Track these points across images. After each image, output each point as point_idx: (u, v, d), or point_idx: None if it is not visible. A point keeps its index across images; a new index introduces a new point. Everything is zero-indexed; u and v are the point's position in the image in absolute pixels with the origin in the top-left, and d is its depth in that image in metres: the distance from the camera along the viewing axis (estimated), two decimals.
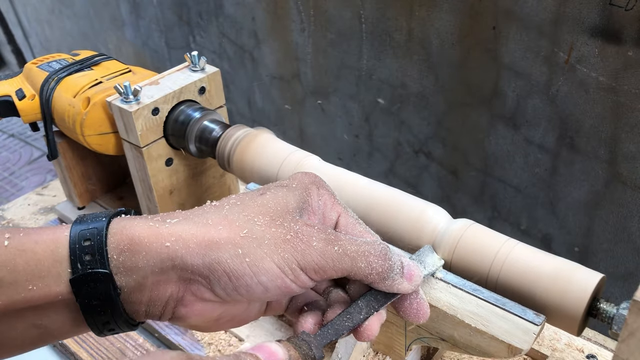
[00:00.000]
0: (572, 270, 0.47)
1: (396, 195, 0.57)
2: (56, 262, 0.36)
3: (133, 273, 0.36)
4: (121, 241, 0.37)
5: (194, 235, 0.37)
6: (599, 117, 0.83)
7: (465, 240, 0.51)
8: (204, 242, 0.37)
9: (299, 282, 0.37)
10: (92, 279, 0.36)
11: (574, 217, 0.94)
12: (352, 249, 0.38)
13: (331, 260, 0.37)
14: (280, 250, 0.37)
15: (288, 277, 0.37)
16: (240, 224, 0.38)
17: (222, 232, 0.37)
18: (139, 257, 0.36)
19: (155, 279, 0.37)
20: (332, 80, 1.19)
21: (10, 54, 2.50)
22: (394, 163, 1.18)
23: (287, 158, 0.63)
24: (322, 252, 0.37)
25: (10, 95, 0.76)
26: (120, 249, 0.36)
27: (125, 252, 0.36)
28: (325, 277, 0.38)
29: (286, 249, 0.37)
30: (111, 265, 0.36)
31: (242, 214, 0.38)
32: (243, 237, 0.37)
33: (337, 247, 0.38)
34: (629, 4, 0.73)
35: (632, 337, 0.37)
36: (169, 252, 0.36)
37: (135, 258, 0.36)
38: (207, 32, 1.43)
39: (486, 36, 0.90)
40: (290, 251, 0.37)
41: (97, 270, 0.36)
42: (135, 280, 0.37)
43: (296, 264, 0.37)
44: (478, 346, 0.46)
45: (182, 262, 0.36)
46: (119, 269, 0.36)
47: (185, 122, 0.69)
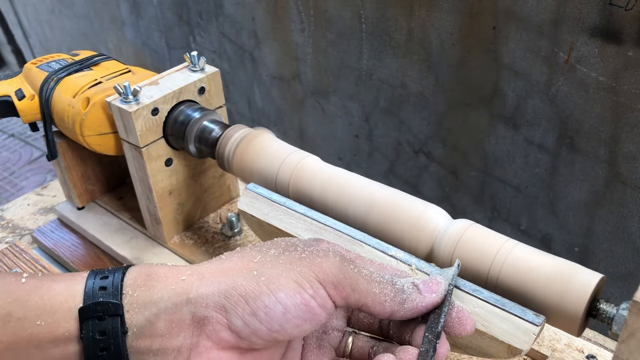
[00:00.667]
0: (572, 270, 0.47)
1: (396, 195, 0.57)
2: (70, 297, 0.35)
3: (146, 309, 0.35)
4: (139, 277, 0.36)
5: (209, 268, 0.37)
6: (599, 117, 0.83)
7: (465, 240, 0.51)
8: (218, 271, 0.36)
9: (318, 299, 0.35)
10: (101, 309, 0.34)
11: (574, 217, 0.94)
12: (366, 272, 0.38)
13: (349, 277, 0.36)
14: (297, 265, 0.36)
15: (307, 292, 0.35)
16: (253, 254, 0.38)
17: (236, 262, 0.37)
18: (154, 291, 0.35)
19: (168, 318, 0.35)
20: (332, 80, 1.19)
21: (10, 54, 2.51)
22: (394, 163, 1.18)
23: (287, 158, 0.63)
24: (340, 267, 0.36)
25: (10, 96, 0.76)
26: (137, 285, 0.35)
27: (141, 287, 0.35)
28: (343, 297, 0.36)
29: (303, 264, 0.36)
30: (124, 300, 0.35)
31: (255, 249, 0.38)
32: (257, 262, 0.37)
33: (353, 265, 0.37)
34: (629, 4, 0.73)
35: (632, 338, 0.37)
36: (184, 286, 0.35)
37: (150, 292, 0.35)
38: (207, 32, 1.43)
39: (486, 36, 0.90)
40: (307, 265, 0.36)
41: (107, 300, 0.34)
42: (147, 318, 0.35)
43: (314, 277, 0.36)
44: (478, 346, 0.46)
45: (197, 293, 0.35)
46: (132, 306, 0.35)
47: (185, 122, 0.69)
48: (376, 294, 0.37)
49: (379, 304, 0.37)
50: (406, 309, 0.38)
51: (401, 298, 0.38)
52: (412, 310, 0.38)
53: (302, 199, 0.61)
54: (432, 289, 0.39)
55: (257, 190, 0.57)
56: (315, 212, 0.55)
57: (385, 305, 0.37)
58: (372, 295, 0.37)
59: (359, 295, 0.36)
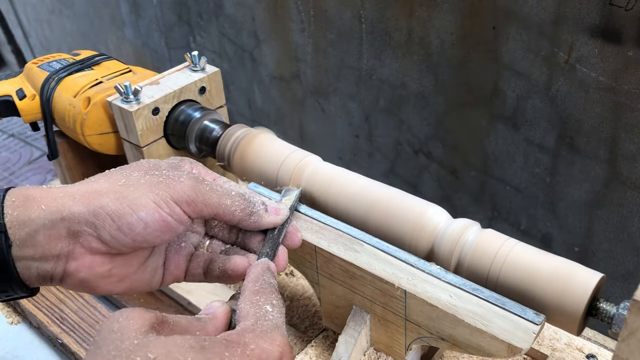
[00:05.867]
0: (572, 269, 0.47)
1: (396, 195, 0.57)
2: None
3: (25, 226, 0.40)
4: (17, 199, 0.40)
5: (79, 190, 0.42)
6: (599, 117, 0.83)
7: (465, 240, 0.51)
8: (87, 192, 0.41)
9: (174, 216, 0.42)
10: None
11: (574, 217, 0.94)
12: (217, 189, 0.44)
13: (201, 194, 0.43)
14: (155, 189, 0.42)
15: (164, 210, 0.41)
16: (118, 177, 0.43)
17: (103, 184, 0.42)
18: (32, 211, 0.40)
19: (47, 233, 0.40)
20: (332, 80, 1.19)
21: (10, 54, 2.51)
22: (394, 163, 1.18)
23: (288, 158, 0.63)
24: (192, 187, 0.43)
25: (11, 95, 0.76)
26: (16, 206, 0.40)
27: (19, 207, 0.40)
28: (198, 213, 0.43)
29: (160, 187, 0.42)
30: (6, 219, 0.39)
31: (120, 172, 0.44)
32: (121, 185, 0.42)
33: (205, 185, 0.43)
34: (629, 4, 0.73)
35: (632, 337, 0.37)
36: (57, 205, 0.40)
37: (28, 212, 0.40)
38: (207, 32, 1.43)
39: (486, 36, 0.90)
40: (164, 188, 0.42)
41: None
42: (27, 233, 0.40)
43: (170, 198, 0.42)
44: (478, 345, 0.46)
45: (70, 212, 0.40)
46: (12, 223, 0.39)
47: (186, 121, 0.69)
48: (227, 205, 0.44)
49: (230, 213, 0.44)
50: (251, 220, 0.45)
51: (250, 210, 0.45)
52: (256, 223, 0.46)
53: (302, 198, 0.61)
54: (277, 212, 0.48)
55: (257, 189, 0.57)
56: (315, 212, 0.55)
57: (235, 214, 0.44)
58: (223, 206, 0.44)
59: (211, 208, 0.43)
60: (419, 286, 0.48)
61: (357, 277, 0.51)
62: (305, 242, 0.52)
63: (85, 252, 0.41)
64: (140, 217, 0.41)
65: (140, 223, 0.41)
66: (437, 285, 0.48)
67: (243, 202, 0.45)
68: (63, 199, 0.41)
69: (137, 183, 0.42)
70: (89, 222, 0.40)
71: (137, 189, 0.42)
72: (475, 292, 0.47)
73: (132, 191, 0.41)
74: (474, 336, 0.45)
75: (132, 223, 0.41)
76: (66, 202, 0.40)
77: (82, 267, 0.42)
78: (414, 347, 0.52)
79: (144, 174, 0.43)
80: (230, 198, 0.44)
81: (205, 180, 0.44)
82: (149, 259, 0.46)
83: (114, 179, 0.43)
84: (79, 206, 0.40)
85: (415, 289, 0.48)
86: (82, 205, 0.40)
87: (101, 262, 0.42)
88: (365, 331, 0.54)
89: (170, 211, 0.42)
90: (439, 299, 0.47)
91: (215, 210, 0.44)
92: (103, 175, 0.44)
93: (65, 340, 0.67)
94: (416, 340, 0.51)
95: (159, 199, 0.41)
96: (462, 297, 0.46)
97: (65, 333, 0.68)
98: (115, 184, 0.42)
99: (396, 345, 0.54)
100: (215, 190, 0.44)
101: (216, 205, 0.43)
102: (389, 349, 0.55)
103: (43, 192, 0.41)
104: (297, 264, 0.57)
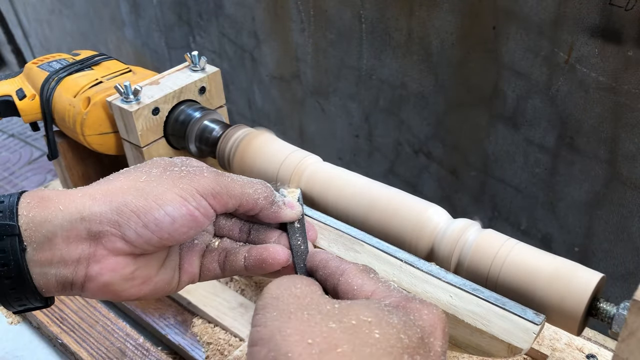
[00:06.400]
0: (572, 269, 0.47)
1: (396, 195, 0.57)
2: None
3: (42, 227, 0.38)
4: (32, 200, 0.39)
5: (99, 189, 0.40)
6: (599, 117, 0.83)
7: (465, 240, 0.51)
8: (108, 191, 0.40)
9: (201, 209, 0.41)
10: None
11: (574, 217, 0.94)
12: (238, 179, 0.44)
13: (224, 186, 0.42)
14: (179, 183, 0.41)
15: (191, 204, 0.40)
16: (138, 175, 0.42)
17: (124, 182, 0.41)
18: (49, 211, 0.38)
19: (65, 235, 0.38)
20: (332, 80, 1.19)
21: (10, 54, 2.50)
22: (394, 163, 1.18)
23: (288, 158, 0.63)
24: (215, 179, 0.42)
25: (11, 95, 0.76)
26: (31, 207, 0.38)
27: (35, 208, 0.38)
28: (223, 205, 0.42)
29: (184, 181, 0.41)
30: (20, 221, 0.38)
31: (138, 170, 0.43)
32: (143, 182, 0.41)
33: (226, 177, 0.43)
34: (629, 4, 0.73)
35: (632, 337, 0.37)
36: (76, 205, 0.39)
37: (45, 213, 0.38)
38: (207, 32, 1.43)
39: (486, 36, 0.90)
40: (188, 182, 0.41)
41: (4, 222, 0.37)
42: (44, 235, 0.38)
43: (195, 191, 0.41)
44: (478, 346, 0.46)
45: (90, 212, 0.39)
46: (28, 225, 0.38)
47: (186, 121, 0.69)
48: (250, 194, 0.44)
49: (253, 201, 0.44)
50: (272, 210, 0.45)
51: (272, 199, 0.45)
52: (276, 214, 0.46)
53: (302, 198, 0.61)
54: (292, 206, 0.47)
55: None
56: (315, 212, 0.55)
57: (258, 202, 0.44)
58: (246, 195, 0.43)
59: (236, 199, 0.43)
60: (419, 286, 0.48)
61: None
62: None
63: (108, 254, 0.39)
64: (167, 211, 0.39)
65: (167, 218, 0.39)
66: (437, 285, 0.48)
67: (265, 190, 0.45)
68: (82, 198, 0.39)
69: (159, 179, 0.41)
70: (112, 221, 0.39)
71: (161, 184, 0.40)
72: (475, 292, 0.47)
73: (156, 186, 0.40)
74: (474, 336, 0.45)
75: (158, 219, 0.39)
76: (86, 202, 0.39)
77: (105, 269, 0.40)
78: None
79: (164, 170, 0.42)
80: (253, 186, 0.44)
81: (225, 173, 0.44)
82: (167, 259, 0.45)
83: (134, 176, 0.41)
84: (101, 205, 0.39)
85: (415, 289, 0.48)
86: (103, 204, 0.39)
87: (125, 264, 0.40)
88: None
89: (197, 204, 0.41)
90: (439, 299, 0.47)
91: (239, 200, 0.43)
92: (120, 174, 0.43)
93: (65, 340, 0.67)
94: None
95: (185, 193, 0.40)
96: (462, 297, 0.46)
97: (65, 333, 0.68)
98: (137, 181, 0.41)
99: None
100: (237, 180, 0.44)
101: (240, 195, 0.43)
102: None
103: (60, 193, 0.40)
104: None
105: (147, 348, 0.67)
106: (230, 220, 0.49)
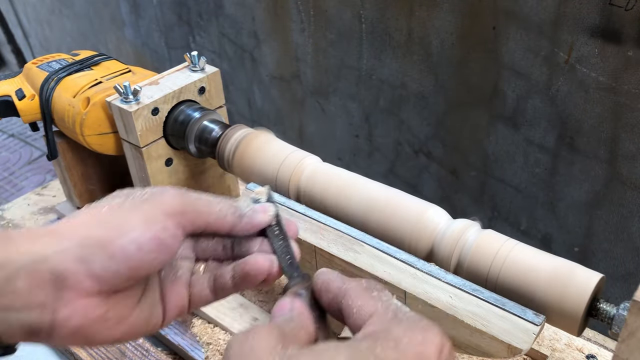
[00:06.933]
0: (571, 270, 0.47)
1: (396, 195, 0.57)
2: None
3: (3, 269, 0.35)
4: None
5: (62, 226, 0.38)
6: (599, 117, 0.83)
7: (465, 240, 0.51)
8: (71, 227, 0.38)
9: (168, 231, 0.39)
10: None
11: (574, 217, 0.94)
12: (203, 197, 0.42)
13: (190, 204, 0.40)
14: (142, 206, 0.39)
15: (156, 226, 0.38)
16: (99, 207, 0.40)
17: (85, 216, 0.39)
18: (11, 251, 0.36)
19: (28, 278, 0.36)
20: (332, 80, 1.19)
21: (10, 54, 2.51)
22: (394, 163, 1.18)
23: (287, 158, 0.63)
24: (180, 198, 0.40)
25: (10, 95, 0.76)
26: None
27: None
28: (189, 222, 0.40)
29: (147, 204, 0.39)
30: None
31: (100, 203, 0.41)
32: (105, 212, 0.39)
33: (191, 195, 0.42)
34: (629, 4, 0.73)
35: (632, 337, 0.37)
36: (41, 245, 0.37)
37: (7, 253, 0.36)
38: (207, 32, 1.43)
39: (486, 36, 0.90)
40: (151, 204, 0.39)
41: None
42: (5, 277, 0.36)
43: (160, 212, 0.39)
44: (478, 346, 0.46)
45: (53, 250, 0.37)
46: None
47: (185, 122, 0.69)
48: (217, 212, 0.42)
49: (222, 219, 0.42)
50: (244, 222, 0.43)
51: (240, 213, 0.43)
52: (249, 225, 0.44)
53: (302, 198, 0.61)
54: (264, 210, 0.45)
55: (257, 189, 0.57)
56: (315, 212, 0.55)
57: (226, 219, 0.42)
58: (214, 213, 0.42)
59: (203, 217, 0.41)
60: (419, 286, 0.48)
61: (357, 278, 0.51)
62: (305, 242, 0.52)
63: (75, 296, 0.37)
64: (132, 238, 0.37)
65: (132, 245, 0.37)
66: (437, 286, 0.48)
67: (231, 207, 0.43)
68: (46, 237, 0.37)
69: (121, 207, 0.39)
70: (76, 257, 0.37)
71: (123, 212, 0.39)
72: (475, 292, 0.47)
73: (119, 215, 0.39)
74: (474, 337, 0.45)
75: (124, 246, 0.37)
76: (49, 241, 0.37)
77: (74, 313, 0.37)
78: None
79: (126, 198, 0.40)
80: (218, 204, 0.43)
81: (190, 191, 0.42)
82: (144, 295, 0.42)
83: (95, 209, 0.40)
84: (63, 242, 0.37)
85: (415, 289, 0.48)
86: (66, 240, 0.37)
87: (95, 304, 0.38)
88: None
89: (163, 226, 0.38)
90: (439, 300, 0.47)
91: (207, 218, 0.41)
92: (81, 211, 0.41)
93: None
94: None
95: (149, 215, 0.38)
96: (462, 298, 0.46)
97: None
98: (99, 213, 0.39)
99: None
100: (202, 198, 0.42)
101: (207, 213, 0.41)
102: None
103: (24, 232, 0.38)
104: None
105: (147, 348, 0.67)
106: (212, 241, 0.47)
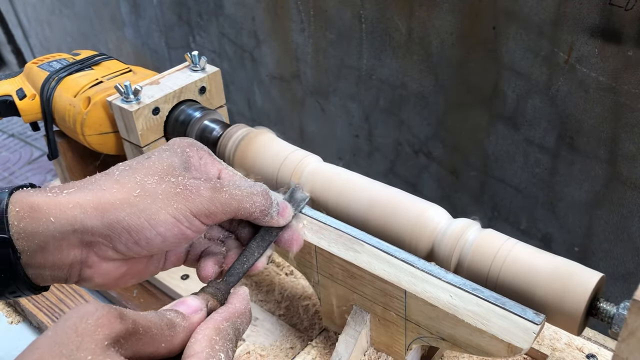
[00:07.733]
0: (571, 269, 0.47)
1: (396, 195, 0.57)
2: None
3: (34, 238, 0.38)
4: (21, 209, 0.38)
5: (91, 201, 0.39)
6: (599, 117, 0.83)
7: (465, 239, 0.51)
8: (100, 205, 0.39)
9: (193, 228, 0.41)
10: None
11: (574, 217, 0.94)
12: (237, 193, 0.43)
13: (220, 205, 0.42)
14: (173, 202, 0.40)
15: (183, 225, 0.41)
16: (132, 185, 0.41)
17: (117, 194, 0.40)
18: (39, 223, 0.38)
19: (57, 243, 0.39)
20: (332, 80, 1.19)
21: (10, 54, 2.51)
22: (394, 163, 1.18)
23: (288, 157, 0.63)
24: (211, 199, 0.42)
25: (11, 95, 0.76)
26: (21, 217, 0.38)
27: (25, 219, 0.38)
28: (216, 221, 0.42)
29: (178, 200, 0.41)
30: (12, 231, 0.38)
31: (132, 177, 0.41)
32: (137, 196, 0.40)
33: (223, 193, 0.42)
34: (629, 4, 0.73)
35: (632, 337, 0.37)
36: (67, 218, 0.38)
37: (36, 224, 0.38)
38: (207, 32, 1.43)
39: (486, 36, 0.90)
40: (182, 202, 0.41)
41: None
42: (37, 244, 0.38)
43: (189, 212, 0.41)
44: (478, 345, 0.46)
45: (82, 225, 0.39)
46: (20, 235, 0.38)
47: (186, 121, 0.69)
48: (246, 208, 0.43)
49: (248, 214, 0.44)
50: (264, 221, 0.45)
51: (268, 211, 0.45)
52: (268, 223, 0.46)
53: None
54: (284, 215, 0.47)
55: None
56: (315, 211, 0.55)
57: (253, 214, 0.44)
58: (242, 210, 0.43)
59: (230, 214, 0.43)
60: (419, 286, 0.48)
61: (357, 277, 0.51)
62: (305, 242, 0.52)
63: (99, 261, 0.41)
64: (159, 232, 0.40)
65: (158, 237, 0.40)
66: (437, 285, 0.48)
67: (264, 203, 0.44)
68: (73, 210, 0.39)
69: (153, 194, 0.40)
70: (103, 235, 0.39)
71: (155, 202, 0.40)
72: (475, 292, 0.47)
73: (150, 204, 0.40)
74: (474, 336, 0.45)
75: (150, 238, 0.40)
76: (77, 215, 0.39)
77: (97, 274, 0.41)
78: (414, 347, 0.52)
79: (159, 181, 0.41)
80: (251, 199, 0.43)
81: (224, 187, 0.43)
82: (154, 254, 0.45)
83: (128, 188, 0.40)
84: (92, 219, 0.39)
85: (415, 288, 0.48)
86: (95, 219, 0.39)
87: (116, 268, 0.42)
88: (366, 331, 0.54)
89: (190, 224, 0.41)
90: (439, 299, 0.47)
91: (234, 214, 0.43)
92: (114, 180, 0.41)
93: None
94: (416, 340, 0.51)
95: (179, 214, 0.40)
96: (462, 297, 0.46)
97: None
98: (130, 195, 0.40)
99: (396, 345, 0.54)
100: (235, 196, 0.43)
101: (235, 211, 0.43)
102: (389, 348, 0.55)
103: (49, 201, 0.39)
104: (297, 264, 0.57)
105: None
106: None
